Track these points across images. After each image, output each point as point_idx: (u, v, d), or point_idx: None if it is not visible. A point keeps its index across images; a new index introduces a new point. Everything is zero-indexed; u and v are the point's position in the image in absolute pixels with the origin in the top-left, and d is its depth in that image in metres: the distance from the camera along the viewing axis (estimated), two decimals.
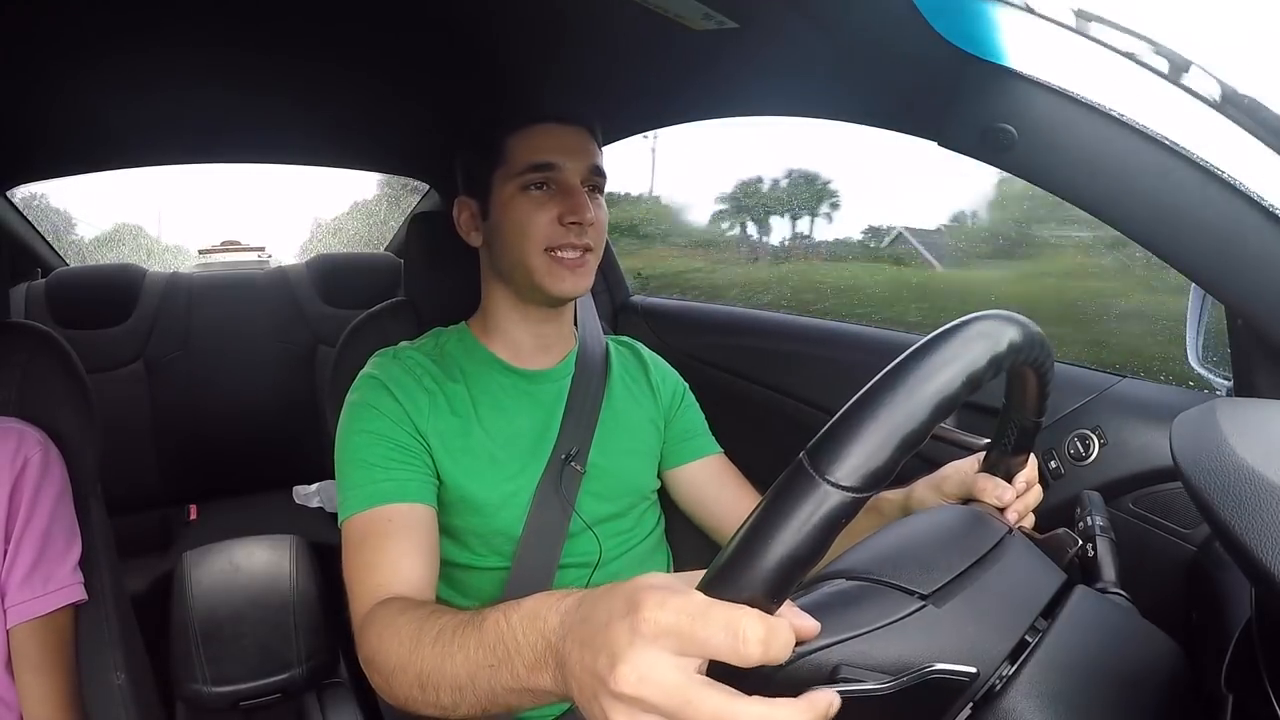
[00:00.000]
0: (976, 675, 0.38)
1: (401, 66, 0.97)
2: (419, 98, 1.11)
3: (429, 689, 0.50)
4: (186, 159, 1.46)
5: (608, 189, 0.84)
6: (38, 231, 1.82)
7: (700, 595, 0.34)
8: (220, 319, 1.85)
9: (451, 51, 0.91)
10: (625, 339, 0.99)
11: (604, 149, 0.85)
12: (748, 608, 0.32)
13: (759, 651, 0.32)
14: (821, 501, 0.32)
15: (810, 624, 0.36)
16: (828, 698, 0.33)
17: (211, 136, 1.30)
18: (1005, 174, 0.66)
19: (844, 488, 0.32)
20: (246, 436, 1.82)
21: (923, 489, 0.68)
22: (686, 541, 0.95)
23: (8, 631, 0.69)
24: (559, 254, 0.77)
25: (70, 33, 0.78)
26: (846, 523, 0.33)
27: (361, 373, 0.80)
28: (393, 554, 0.68)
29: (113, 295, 1.77)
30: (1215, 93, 0.57)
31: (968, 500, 0.62)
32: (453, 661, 0.48)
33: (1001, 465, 0.60)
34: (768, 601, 0.33)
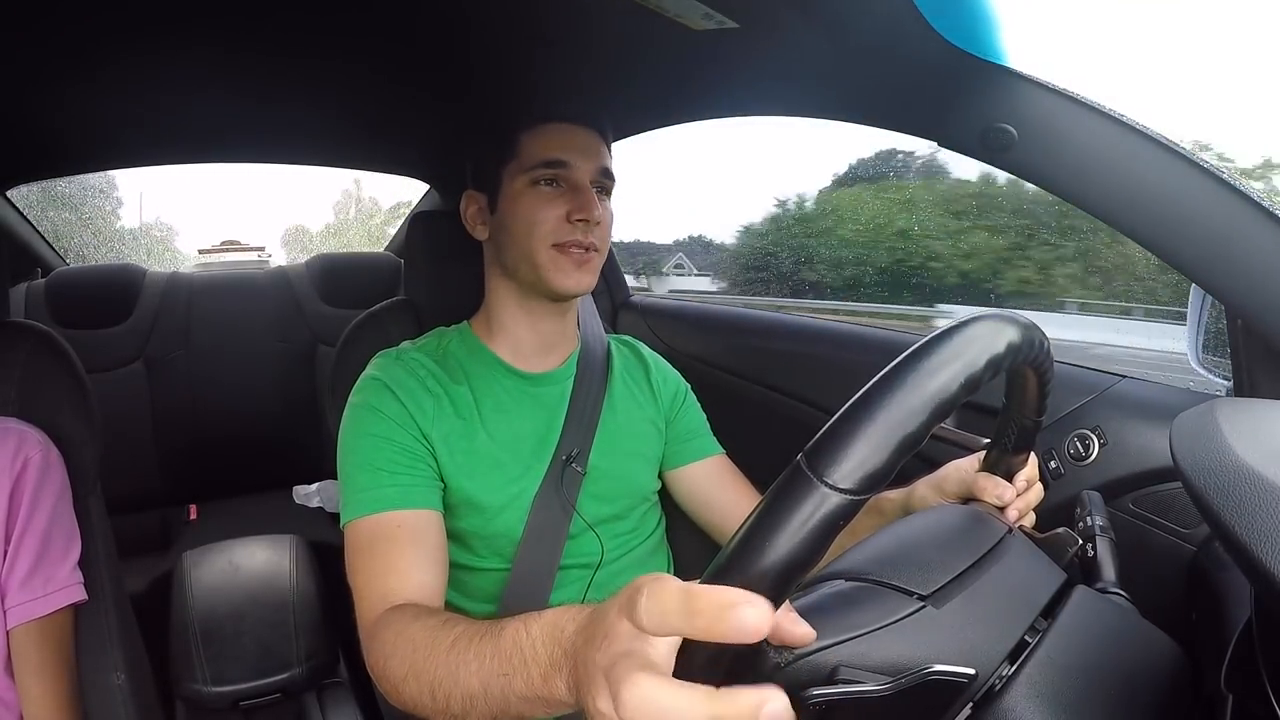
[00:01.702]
0: (975, 676, 0.38)
1: (402, 68, 0.97)
2: (420, 98, 1.11)
3: (440, 697, 0.51)
4: (186, 159, 1.46)
5: None
6: (38, 231, 1.82)
7: (680, 582, 0.33)
8: (220, 319, 1.84)
9: (452, 52, 0.91)
10: (627, 339, 0.99)
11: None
12: (728, 589, 0.31)
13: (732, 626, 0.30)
14: (819, 504, 0.32)
15: (805, 631, 0.36)
16: (755, 698, 0.30)
17: (211, 136, 1.30)
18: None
19: (841, 490, 0.32)
20: (246, 436, 1.81)
21: (924, 488, 0.68)
22: (688, 542, 0.95)
23: (8, 633, 0.69)
24: (566, 249, 0.77)
25: (71, 32, 0.78)
26: (845, 525, 0.32)
27: (364, 375, 0.80)
28: (403, 561, 0.68)
29: (113, 295, 1.77)
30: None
31: (968, 499, 0.62)
32: (466, 670, 0.48)
33: (1002, 464, 0.60)
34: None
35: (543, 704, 0.43)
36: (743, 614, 0.29)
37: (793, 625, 0.35)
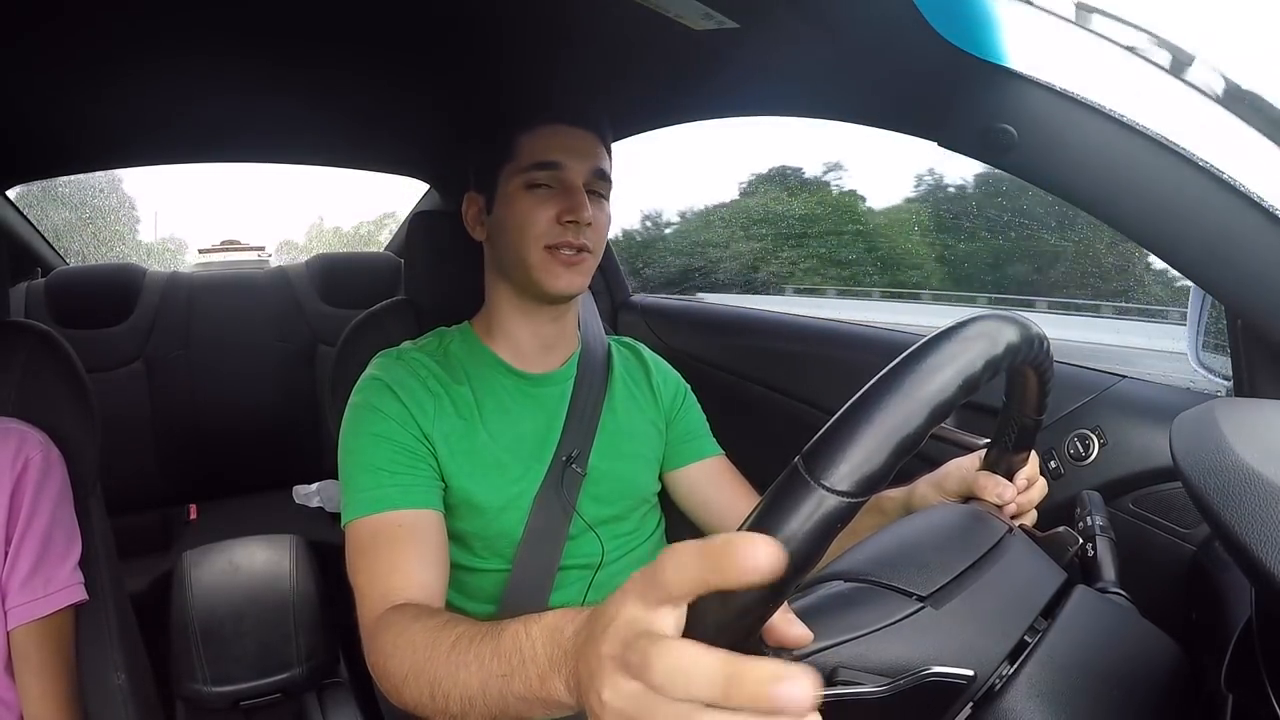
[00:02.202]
0: (974, 677, 0.38)
1: (403, 68, 0.97)
2: (420, 99, 1.11)
3: (439, 697, 0.51)
4: (187, 158, 1.46)
5: None
6: (38, 231, 1.82)
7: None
8: (220, 318, 1.85)
9: (452, 52, 0.91)
10: (627, 340, 0.99)
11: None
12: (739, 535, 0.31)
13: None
14: (817, 506, 0.32)
15: (802, 632, 0.36)
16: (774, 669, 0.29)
17: (212, 136, 1.30)
18: None
19: (839, 492, 0.32)
20: (246, 436, 1.82)
21: (924, 487, 0.68)
22: None
23: (8, 633, 0.69)
24: (557, 251, 0.77)
25: (71, 32, 0.78)
26: (842, 527, 0.32)
27: (365, 374, 0.80)
28: (404, 561, 0.68)
29: (113, 294, 1.77)
30: (1218, 87, 0.57)
31: (969, 498, 0.62)
32: (466, 671, 0.48)
33: (1002, 463, 0.60)
34: (765, 605, 0.33)
35: (541, 705, 0.43)
36: (747, 551, 0.29)
37: (790, 626, 0.35)
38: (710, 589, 0.30)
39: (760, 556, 0.29)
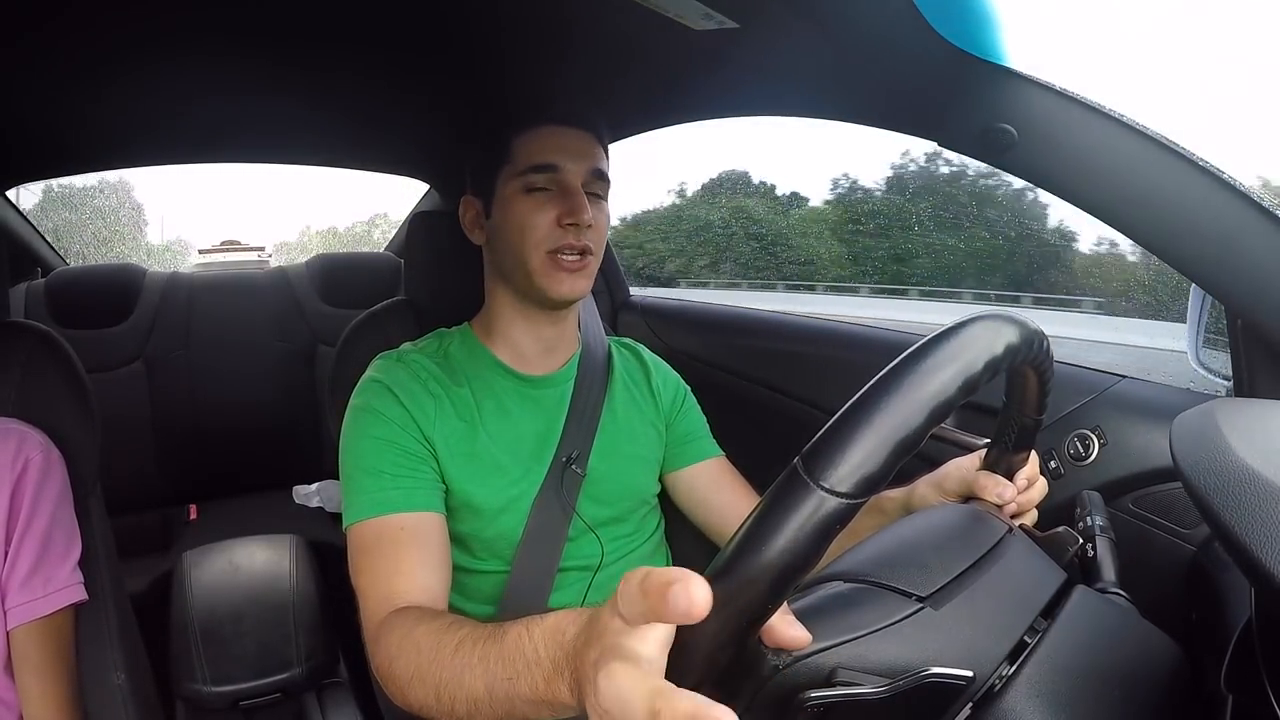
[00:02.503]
0: (973, 678, 0.38)
1: (403, 68, 0.97)
2: (419, 99, 1.11)
3: (445, 699, 0.51)
4: (187, 159, 1.46)
5: None
6: (38, 231, 1.82)
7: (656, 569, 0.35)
8: (220, 318, 1.84)
9: (452, 52, 0.91)
10: (628, 341, 0.98)
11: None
12: (672, 569, 0.32)
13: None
14: (816, 508, 0.32)
15: (801, 634, 0.36)
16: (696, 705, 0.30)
17: (212, 136, 1.30)
18: None
19: (838, 494, 0.32)
20: (246, 436, 1.81)
21: (924, 487, 0.68)
22: (688, 544, 0.95)
23: (8, 633, 0.69)
24: (559, 256, 0.77)
25: (71, 32, 0.78)
26: (841, 528, 0.32)
27: (365, 376, 0.80)
28: (406, 563, 0.68)
29: (113, 295, 1.77)
30: None
31: (969, 497, 0.62)
32: (472, 674, 0.49)
33: (1002, 463, 0.60)
34: (764, 605, 0.33)
35: (548, 707, 0.43)
36: (674, 592, 0.30)
37: (789, 628, 0.35)
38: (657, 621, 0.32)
39: (693, 601, 0.30)
